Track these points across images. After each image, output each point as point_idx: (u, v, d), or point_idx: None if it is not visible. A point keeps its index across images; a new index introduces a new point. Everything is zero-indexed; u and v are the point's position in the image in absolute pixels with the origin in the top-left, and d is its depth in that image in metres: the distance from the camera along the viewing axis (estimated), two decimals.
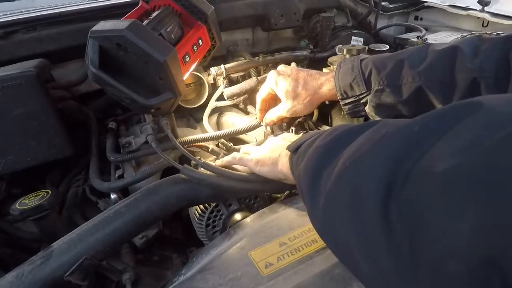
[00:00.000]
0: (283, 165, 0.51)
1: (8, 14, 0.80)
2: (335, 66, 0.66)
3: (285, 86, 0.66)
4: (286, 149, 0.50)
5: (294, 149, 0.48)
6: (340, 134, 0.37)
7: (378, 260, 0.25)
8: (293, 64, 0.86)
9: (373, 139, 0.29)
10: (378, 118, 0.63)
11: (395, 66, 0.59)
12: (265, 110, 0.74)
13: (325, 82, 0.66)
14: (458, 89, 0.54)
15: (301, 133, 0.69)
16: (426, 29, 1.21)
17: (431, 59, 0.56)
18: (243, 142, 0.86)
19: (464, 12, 1.18)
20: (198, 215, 0.60)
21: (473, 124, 0.22)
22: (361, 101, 0.63)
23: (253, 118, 0.81)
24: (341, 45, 0.84)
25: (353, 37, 1.08)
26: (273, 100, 0.73)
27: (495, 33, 0.95)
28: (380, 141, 0.28)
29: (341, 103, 0.65)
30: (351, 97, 0.63)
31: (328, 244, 0.37)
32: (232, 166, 0.61)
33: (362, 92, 0.62)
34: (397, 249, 0.23)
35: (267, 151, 0.56)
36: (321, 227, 0.37)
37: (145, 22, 0.59)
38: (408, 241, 0.22)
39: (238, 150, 0.72)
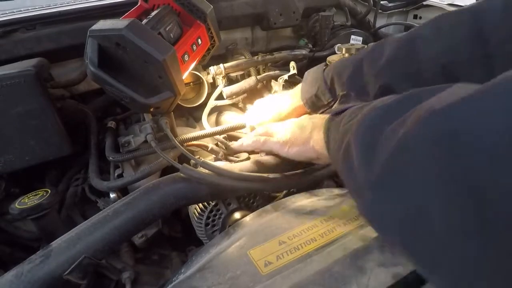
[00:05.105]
0: (316, 142, 0.48)
1: (7, 13, 0.80)
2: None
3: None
4: (327, 113, 0.47)
5: (338, 112, 0.43)
6: (409, 94, 0.31)
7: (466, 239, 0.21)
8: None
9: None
10: None
11: (355, 67, 0.55)
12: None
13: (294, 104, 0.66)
14: (426, 78, 0.47)
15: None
16: None
17: (389, 52, 0.51)
18: None
19: None
20: (197, 214, 0.60)
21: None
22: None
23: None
24: (340, 44, 0.85)
25: (352, 36, 1.08)
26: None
27: None
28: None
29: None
30: (321, 107, 0.61)
31: (386, 209, 0.28)
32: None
33: (329, 100, 0.60)
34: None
35: (295, 131, 0.53)
36: (381, 184, 0.28)
37: (144, 21, 0.59)
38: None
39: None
